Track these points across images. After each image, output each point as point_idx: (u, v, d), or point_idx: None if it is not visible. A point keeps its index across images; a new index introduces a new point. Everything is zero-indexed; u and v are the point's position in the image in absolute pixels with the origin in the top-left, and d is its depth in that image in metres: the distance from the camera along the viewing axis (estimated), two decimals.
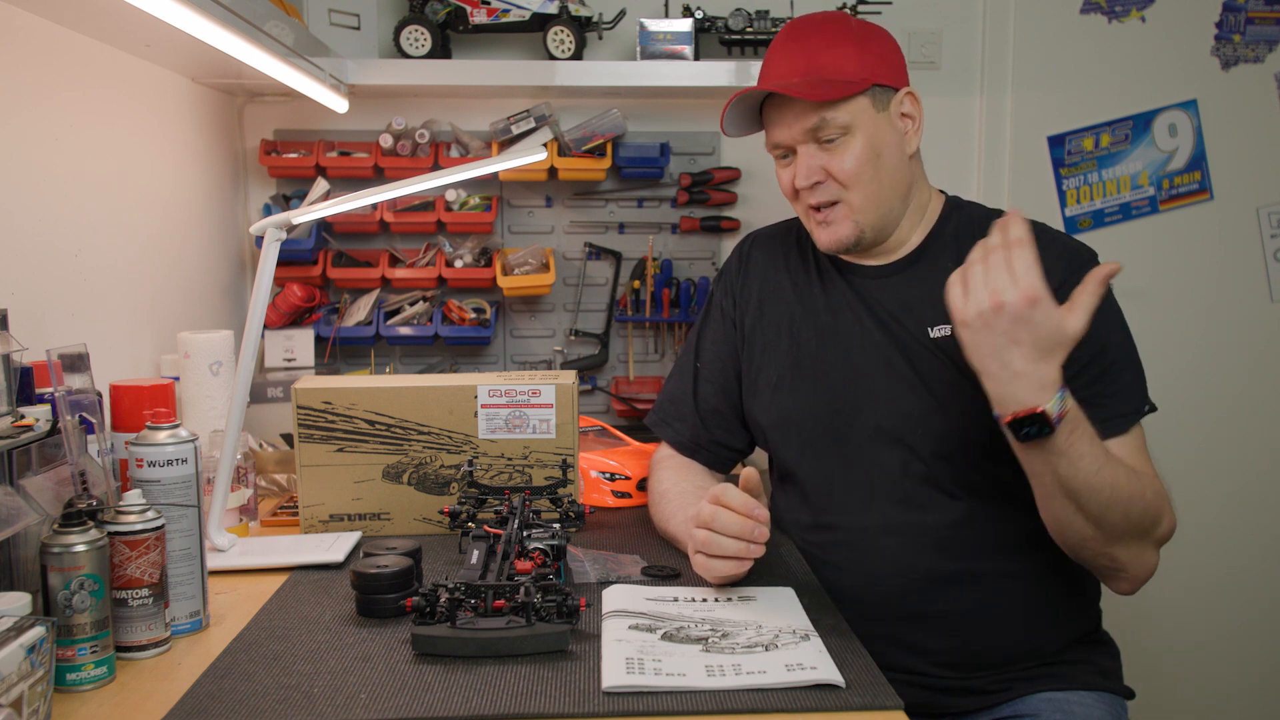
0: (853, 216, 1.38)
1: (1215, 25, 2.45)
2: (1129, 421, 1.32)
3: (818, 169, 1.37)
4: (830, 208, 1.39)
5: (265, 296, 1.37)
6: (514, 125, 2.23)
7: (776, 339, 1.50)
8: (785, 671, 1.00)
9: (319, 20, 2.09)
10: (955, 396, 1.35)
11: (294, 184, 2.30)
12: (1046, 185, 2.47)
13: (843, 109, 1.35)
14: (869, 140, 1.36)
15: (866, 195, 1.37)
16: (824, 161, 1.37)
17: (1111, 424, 1.30)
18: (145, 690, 1.01)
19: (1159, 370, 2.48)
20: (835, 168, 1.36)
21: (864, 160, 1.36)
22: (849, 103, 1.35)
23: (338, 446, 1.47)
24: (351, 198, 1.43)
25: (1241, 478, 2.54)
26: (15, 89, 1.38)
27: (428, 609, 1.08)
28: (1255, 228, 2.50)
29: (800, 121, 1.36)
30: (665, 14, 2.21)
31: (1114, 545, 1.26)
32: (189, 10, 1.20)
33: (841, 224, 1.39)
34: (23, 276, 1.39)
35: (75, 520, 1.01)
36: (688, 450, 1.55)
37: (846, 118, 1.35)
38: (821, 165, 1.37)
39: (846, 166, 1.36)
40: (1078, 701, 1.35)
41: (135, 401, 1.27)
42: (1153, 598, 2.51)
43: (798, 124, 1.36)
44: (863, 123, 1.36)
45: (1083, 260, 1.35)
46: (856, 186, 1.37)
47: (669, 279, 2.34)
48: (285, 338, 2.20)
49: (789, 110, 1.37)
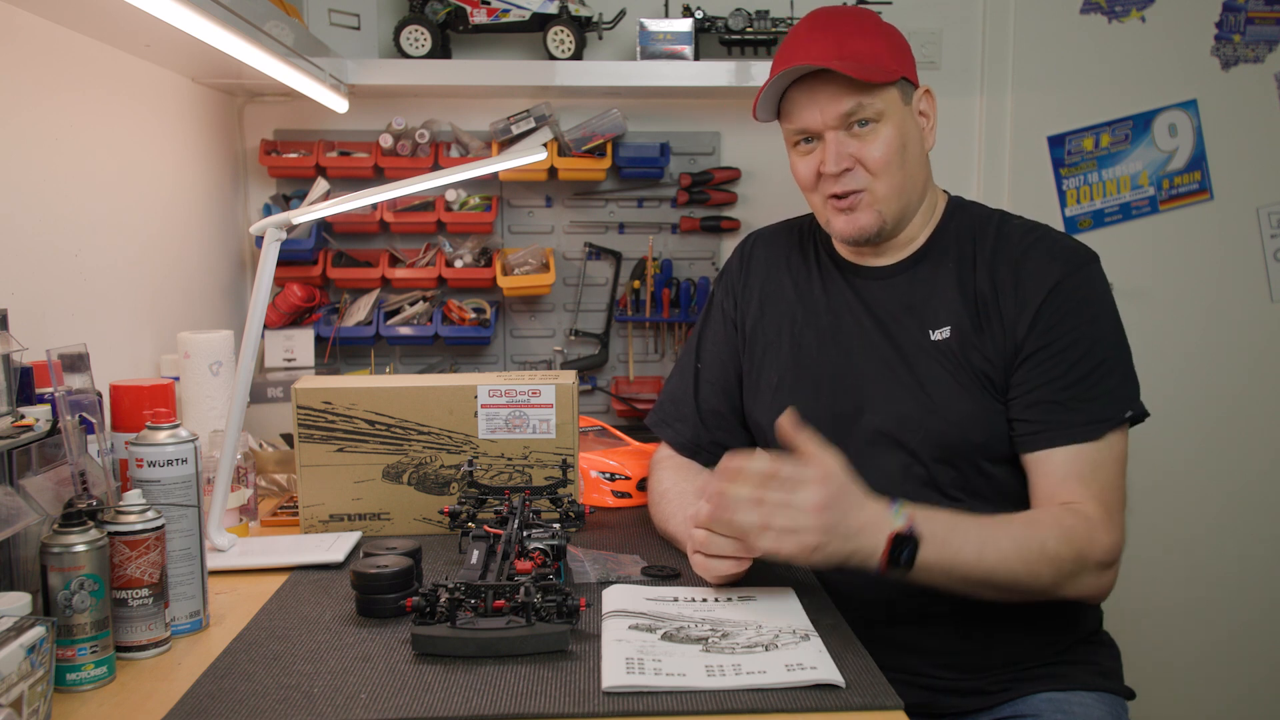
0: (876, 205, 1.37)
1: (1215, 25, 2.45)
2: (1104, 428, 1.29)
3: (847, 156, 1.35)
4: (854, 195, 1.37)
5: (265, 296, 1.37)
6: (514, 125, 2.23)
7: (777, 340, 1.50)
8: (785, 671, 1.00)
9: (319, 20, 2.09)
10: (955, 399, 1.35)
11: (294, 184, 2.30)
12: (1046, 185, 2.47)
13: (879, 95, 1.34)
14: (899, 131, 1.35)
15: (892, 185, 1.36)
16: (854, 149, 1.35)
17: (1079, 430, 1.29)
18: (145, 690, 1.01)
19: (1159, 371, 2.50)
20: (866, 155, 1.35)
21: (894, 149, 1.35)
22: (884, 90, 1.34)
23: (338, 446, 1.47)
24: (351, 198, 1.43)
25: (1241, 478, 2.54)
26: (15, 89, 1.38)
27: (428, 609, 1.08)
28: (1255, 228, 2.50)
29: (836, 104, 1.34)
30: (665, 14, 2.21)
31: (1053, 594, 1.26)
32: (189, 10, 1.20)
33: (865, 212, 1.37)
34: (23, 276, 1.39)
35: (75, 520, 1.01)
36: (688, 451, 1.55)
37: (881, 105, 1.34)
38: (851, 153, 1.35)
39: (877, 154, 1.35)
40: (1078, 701, 1.35)
41: (135, 401, 1.27)
42: (1153, 598, 2.52)
43: (832, 107, 1.34)
44: (893, 113, 1.35)
45: (1081, 260, 1.35)
46: (884, 175, 1.36)
47: (669, 279, 2.34)
48: (285, 338, 2.20)
49: (823, 93, 1.34)
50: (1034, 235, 1.38)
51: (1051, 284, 1.32)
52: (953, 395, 1.35)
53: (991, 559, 1.19)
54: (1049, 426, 1.30)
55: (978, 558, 1.19)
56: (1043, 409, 1.31)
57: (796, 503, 1.10)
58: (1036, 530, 1.24)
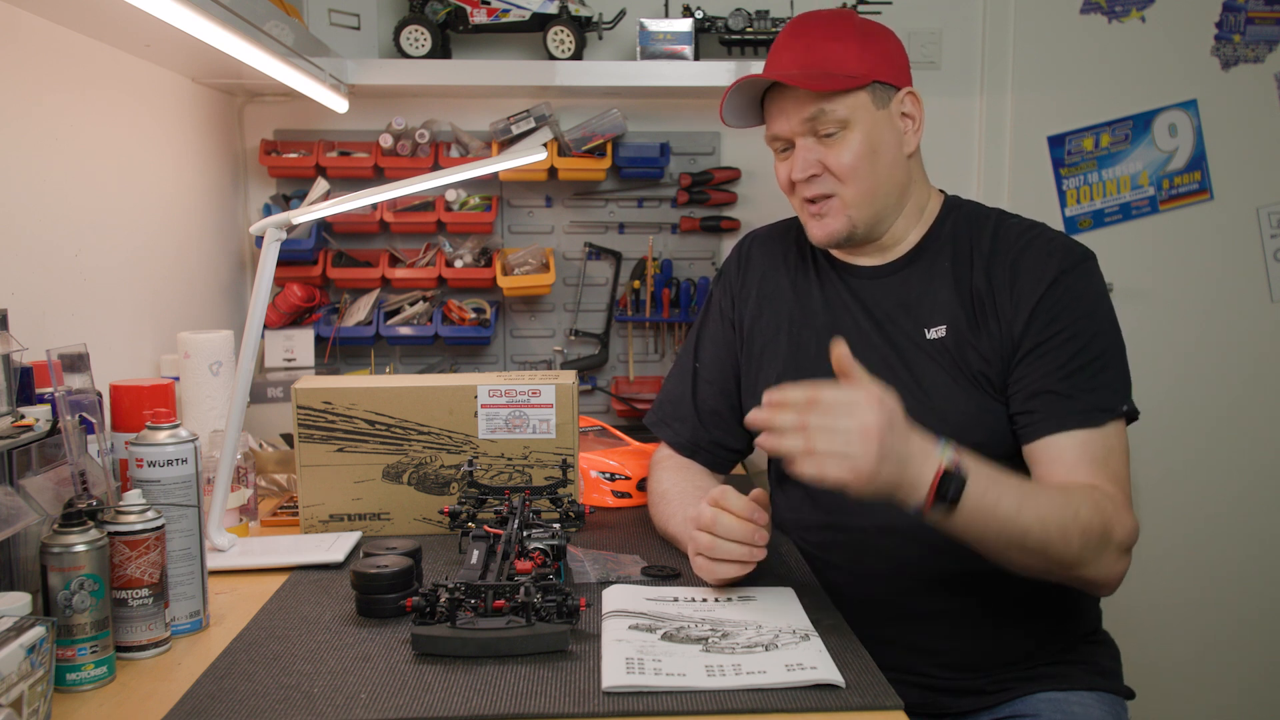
0: (846, 211, 1.38)
1: (1215, 25, 2.45)
2: (1105, 416, 1.29)
3: (814, 162, 1.37)
4: (824, 200, 1.39)
5: (265, 296, 1.37)
6: (514, 125, 2.23)
7: (775, 339, 1.50)
8: (785, 671, 1.00)
9: (319, 20, 2.09)
10: (952, 398, 1.35)
11: (294, 184, 2.31)
12: (1046, 185, 2.47)
13: (841, 102, 1.35)
14: (867, 136, 1.36)
15: (861, 191, 1.37)
16: (821, 155, 1.37)
17: (1084, 415, 1.28)
18: (145, 690, 1.01)
19: (1159, 370, 2.50)
20: (832, 162, 1.36)
21: (861, 156, 1.36)
22: (848, 96, 1.35)
23: (338, 446, 1.47)
24: (351, 198, 1.43)
25: (1241, 478, 2.54)
26: (15, 89, 1.38)
27: (428, 609, 1.08)
28: (1255, 228, 2.50)
29: (798, 112, 1.36)
30: (665, 14, 2.21)
31: (1075, 570, 1.24)
32: (189, 10, 1.20)
33: (834, 218, 1.39)
34: (23, 276, 1.39)
35: (75, 520, 1.01)
36: (687, 451, 1.55)
37: (845, 112, 1.35)
38: (818, 159, 1.37)
39: (843, 161, 1.36)
40: (1078, 701, 1.35)
41: (135, 401, 1.27)
42: (1153, 598, 2.52)
43: (796, 115, 1.36)
44: (861, 118, 1.36)
45: (1078, 257, 1.35)
46: (852, 181, 1.37)
47: (669, 279, 2.34)
48: (285, 338, 2.20)
49: (788, 101, 1.37)
50: (1031, 233, 1.38)
51: (1049, 280, 1.33)
52: (950, 394, 1.35)
53: (1029, 516, 1.16)
54: (1052, 414, 1.29)
55: (1017, 511, 1.15)
56: (1044, 399, 1.30)
57: (848, 426, 1.06)
58: (1071, 498, 1.22)
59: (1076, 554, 1.21)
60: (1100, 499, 1.23)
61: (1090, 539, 1.21)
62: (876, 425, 1.05)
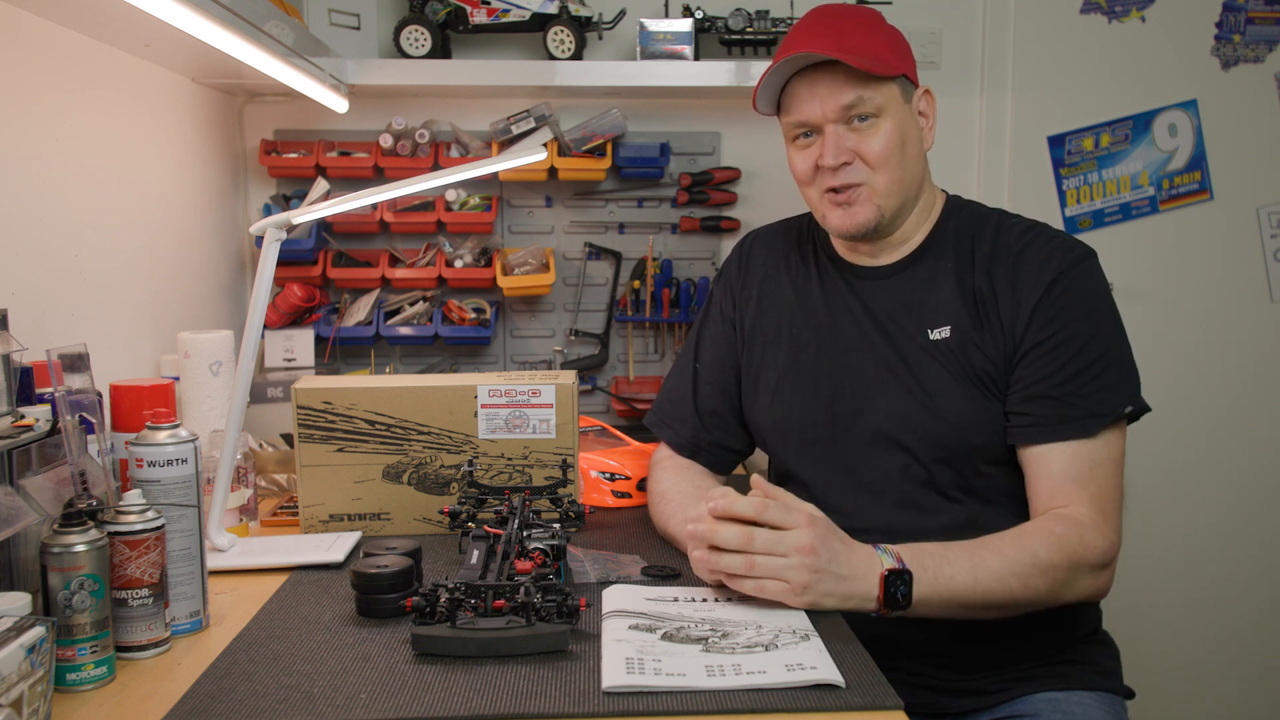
0: (875, 200, 1.37)
1: (1215, 25, 2.45)
2: (1099, 424, 1.29)
3: (846, 150, 1.36)
4: (852, 189, 1.37)
5: (265, 296, 1.37)
6: (514, 125, 2.23)
7: (776, 339, 1.50)
8: (785, 671, 1.00)
9: (319, 20, 2.09)
10: (955, 400, 1.35)
11: (294, 184, 2.31)
12: (1046, 185, 2.47)
13: (879, 90, 1.34)
14: (898, 126, 1.36)
15: (891, 180, 1.36)
16: (853, 143, 1.36)
17: (1075, 426, 1.29)
18: (145, 690, 1.01)
19: (1159, 370, 2.49)
20: (865, 149, 1.35)
21: (894, 145, 1.35)
22: (885, 85, 1.34)
23: (338, 446, 1.47)
24: (351, 198, 1.43)
25: (1241, 478, 2.54)
26: (15, 89, 1.38)
27: (428, 609, 1.08)
28: (1255, 228, 2.50)
29: (836, 96, 1.34)
30: (665, 14, 2.21)
31: (1053, 602, 1.27)
32: (189, 10, 1.21)
33: (863, 206, 1.37)
34: (23, 276, 1.39)
35: (75, 520, 1.01)
36: (687, 451, 1.55)
37: (881, 99, 1.34)
38: (850, 146, 1.36)
39: (877, 148, 1.35)
40: (1077, 701, 1.35)
41: (135, 401, 1.27)
42: (1153, 598, 2.52)
43: (833, 99, 1.34)
44: (893, 109, 1.35)
45: (1078, 255, 1.35)
46: (883, 170, 1.36)
47: (669, 279, 2.34)
48: (285, 338, 2.20)
49: (824, 85, 1.35)
50: (1031, 233, 1.38)
51: (1049, 280, 1.33)
52: (952, 395, 1.35)
53: (986, 581, 1.21)
54: (1045, 421, 1.30)
55: (972, 582, 1.20)
56: (1039, 404, 1.31)
57: (782, 547, 1.13)
58: (1025, 543, 1.24)
59: (1047, 592, 1.25)
60: (1061, 533, 1.25)
61: (1056, 575, 1.24)
62: (809, 544, 1.13)
